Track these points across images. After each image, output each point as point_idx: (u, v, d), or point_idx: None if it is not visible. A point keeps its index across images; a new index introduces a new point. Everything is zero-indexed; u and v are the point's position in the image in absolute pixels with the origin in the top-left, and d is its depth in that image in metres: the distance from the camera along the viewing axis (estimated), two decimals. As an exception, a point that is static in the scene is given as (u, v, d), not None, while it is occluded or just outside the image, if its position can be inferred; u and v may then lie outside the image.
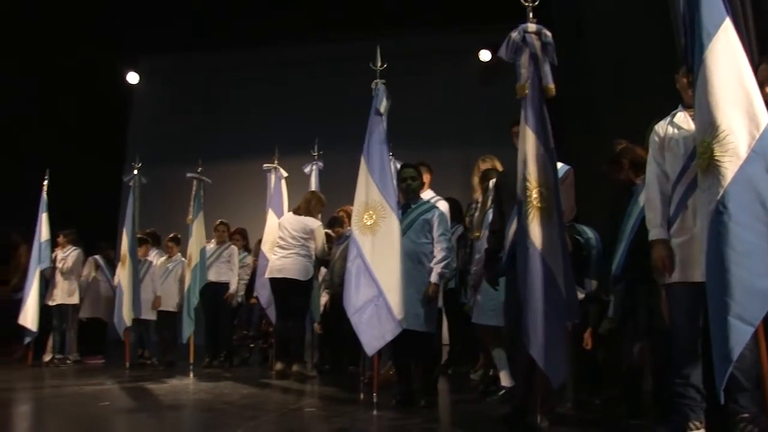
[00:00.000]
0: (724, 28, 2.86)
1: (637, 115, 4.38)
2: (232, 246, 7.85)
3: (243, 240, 8.38)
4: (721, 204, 2.69)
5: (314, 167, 7.69)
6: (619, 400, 4.29)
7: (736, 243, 2.64)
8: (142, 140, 12.09)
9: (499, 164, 5.34)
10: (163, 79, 12.69)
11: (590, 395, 4.57)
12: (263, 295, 6.94)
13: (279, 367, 6.32)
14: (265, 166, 7.63)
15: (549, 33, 3.60)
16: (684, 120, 3.25)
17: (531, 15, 3.62)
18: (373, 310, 4.28)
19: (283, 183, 7.41)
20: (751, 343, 2.69)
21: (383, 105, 4.66)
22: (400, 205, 4.64)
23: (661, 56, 4.93)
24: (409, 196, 4.79)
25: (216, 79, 12.25)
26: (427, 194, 5.50)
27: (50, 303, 7.91)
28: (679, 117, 3.29)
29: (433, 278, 4.56)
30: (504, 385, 4.71)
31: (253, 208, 8.89)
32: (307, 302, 6.54)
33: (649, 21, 5.67)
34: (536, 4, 3.62)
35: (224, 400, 4.92)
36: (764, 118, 2.76)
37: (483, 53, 11.04)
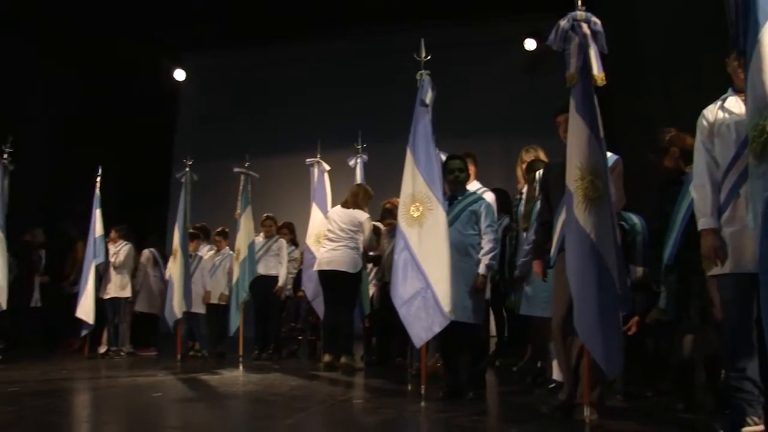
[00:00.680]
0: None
1: (686, 103, 4.28)
2: (281, 239, 7.90)
3: (290, 234, 8.44)
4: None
5: (359, 160, 7.68)
6: (671, 393, 4.22)
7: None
8: (190, 136, 12.34)
9: (542, 154, 5.27)
10: (209, 76, 12.87)
11: (641, 387, 4.51)
12: (309, 288, 7.01)
13: (327, 359, 6.37)
14: (308, 160, 7.67)
15: (598, 21, 3.54)
16: (736, 104, 3.12)
17: (579, 2, 3.56)
18: (420, 302, 4.27)
19: (326, 177, 7.44)
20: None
21: (428, 96, 4.62)
22: (446, 196, 4.61)
23: (710, 41, 4.81)
24: (456, 187, 4.76)
25: (260, 74, 12.35)
26: (473, 185, 5.46)
27: (104, 296, 8.12)
28: (731, 101, 3.17)
29: (481, 270, 4.54)
30: (554, 378, 4.67)
31: (300, 202, 8.97)
32: (356, 294, 6.56)
33: (699, 5, 5.54)
34: (585, -9, 3.56)
35: (273, 392, 4.97)
36: None
37: (528, 42, 10.89)
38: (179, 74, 12.59)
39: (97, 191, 8.14)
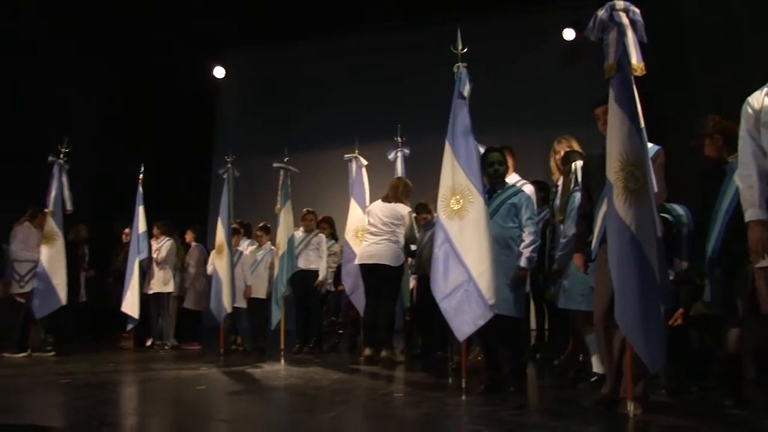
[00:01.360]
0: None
1: (729, 93, 4.16)
2: (321, 234, 7.92)
3: (330, 228, 8.46)
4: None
5: (399, 154, 7.67)
6: (717, 389, 4.13)
7: None
8: (229, 133, 12.49)
9: (576, 144, 5.15)
10: (248, 72, 13.04)
11: (686, 382, 4.42)
12: (347, 283, 7.04)
13: (368, 352, 6.39)
14: (346, 156, 7.70)
15: (637, 10, 3.47)
16: None
17: (618, -9, 3.50)
18: (462, 295, 4.24)
19: (364, 171, 7.44)
20: None
21: (466, 88, 4.59)
22: (485, 189, 4.58)
23: (754, 29, 4.69)
24: (495, 180, 4.72)
25: (298, 70, 12.41)
26: (512, 178, 5.39)
27: (148, 292, 8.29)
28: None
29: (522, 262, 4.51)
30: (595, 372, 4.62)
31: (339, 196, 9.01)
32: (398, 288, 6.58)
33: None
34: (624, -20, 3.50)
35: (315, 385, 5.01)
36: None
37: (567, 32, 10.68)
38: (218, 71, 12.76)
39: (140, 188, 8.29)
